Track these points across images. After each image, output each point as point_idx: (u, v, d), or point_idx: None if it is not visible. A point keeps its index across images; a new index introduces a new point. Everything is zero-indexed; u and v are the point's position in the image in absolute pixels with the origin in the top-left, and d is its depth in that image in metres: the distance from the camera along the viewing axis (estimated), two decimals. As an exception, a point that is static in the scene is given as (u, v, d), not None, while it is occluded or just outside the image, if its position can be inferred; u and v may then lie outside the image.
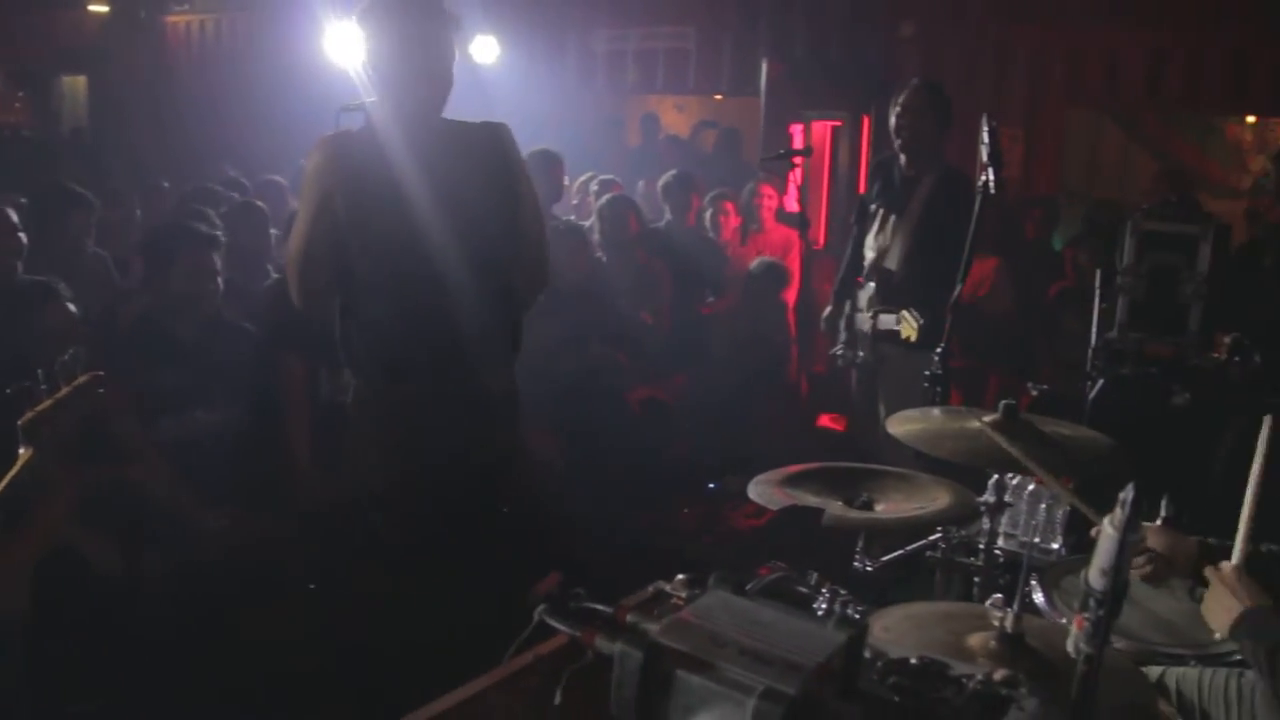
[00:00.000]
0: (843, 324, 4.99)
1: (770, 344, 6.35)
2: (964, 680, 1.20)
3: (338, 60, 8.51)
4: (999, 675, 1.22)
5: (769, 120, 8.04)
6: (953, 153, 4.89)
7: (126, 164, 8.98)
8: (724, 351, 6.01)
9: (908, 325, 4.27)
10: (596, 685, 1.18)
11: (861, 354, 4.82)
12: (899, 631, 1.83)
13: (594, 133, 9.62)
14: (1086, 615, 1.35)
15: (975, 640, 1.79)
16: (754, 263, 6.40)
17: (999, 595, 1.88)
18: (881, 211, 4.81)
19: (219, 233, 4.29)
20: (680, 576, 1.36)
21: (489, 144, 3.13)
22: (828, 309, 5.14)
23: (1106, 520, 1.34)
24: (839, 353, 5.00)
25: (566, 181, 6.70)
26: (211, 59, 12.91)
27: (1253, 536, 2.20)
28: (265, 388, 4.17)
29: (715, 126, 10.62)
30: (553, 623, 1.24)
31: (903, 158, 4.74)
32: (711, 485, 5.53)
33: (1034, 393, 4.95)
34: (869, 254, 4.82)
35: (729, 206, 6.96)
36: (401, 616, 3.06)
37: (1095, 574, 1.35)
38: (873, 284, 4.75)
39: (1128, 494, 1.32)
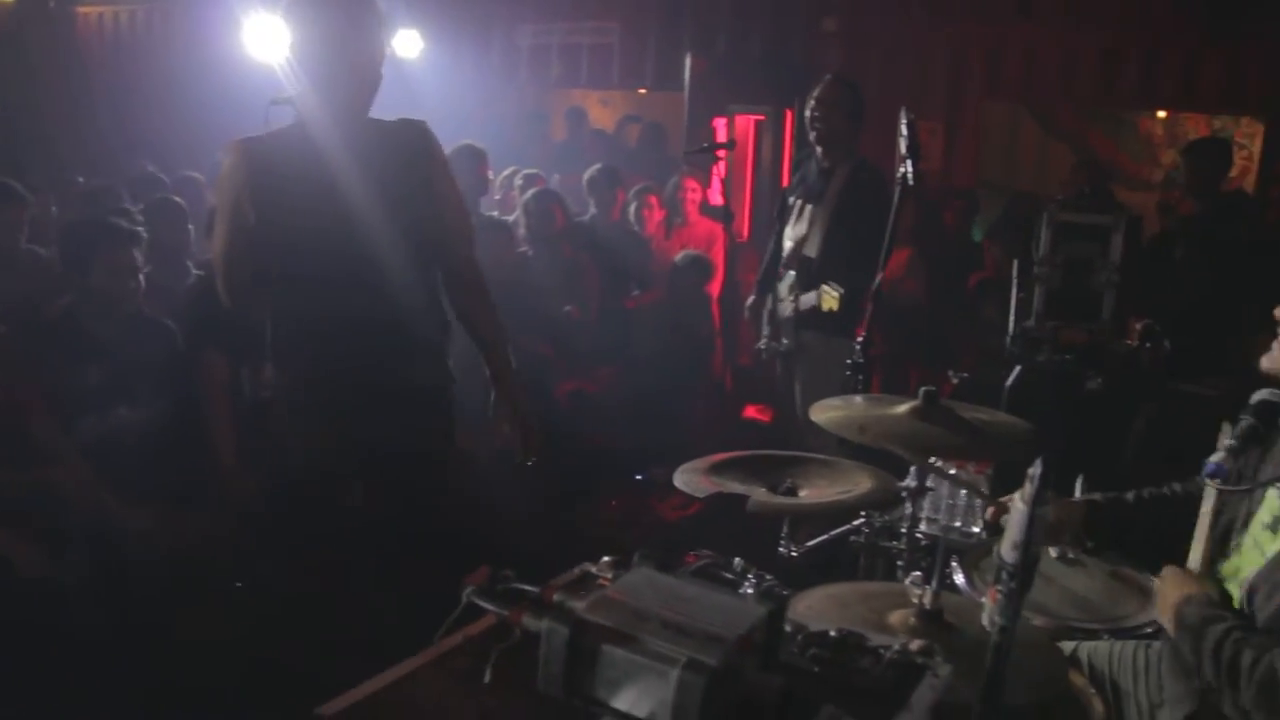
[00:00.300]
0: (766, 315, 5.08)
1: (695, 336, 6.39)
2: (881, 651, 1.24)
3: (257, 54, 8.41)
4: (915, 645, 1.26)
5: (693, 114, 8.06)
6: (875, 146, 4.96)
7: (41, 159, 8.77)
8: (650, 344, 6.04)
9: (828, 297, 4.30)
10: (525, 663, 1.21)
11: (785, 342, 4.89)
12: (822, 610, 1.87)
13: (518, 127, 9.59)
14: (999, 588, 1.40)
15: (895, 617, 1.84)
16: (678, 256, 6.45)
17: (918, 573, 1.93)
18: (800, 203, 4.91)
19: (139, 228, 4.22)
20: (606, 559, 1.38)
21: (410, 141, 3.12)
22: (751, 299, 5.23)
23: (1017, 495, 1.39)
24: (763, 345, 5.09)
25: (491, 176, 6.68)
26: (127, 51, 12.63)
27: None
28: (187, 385, 4.12)
29: (640, 121, 10.63)
30: (481, 603, 1.26)
31: (819, 150, 4.84)
32: (639, 476, 5.57)
33: (954, 380, 5.05)
34: (788, 244, 4.92)
35: (653, 200, 7.00)
36: (331, 609, 3.05)
37: (1007, 548, 1.39)
38: (792, 272, 4.84)
39: (1036, 469, 1.37)
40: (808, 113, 4.83)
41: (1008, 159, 10.17)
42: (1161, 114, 10.12)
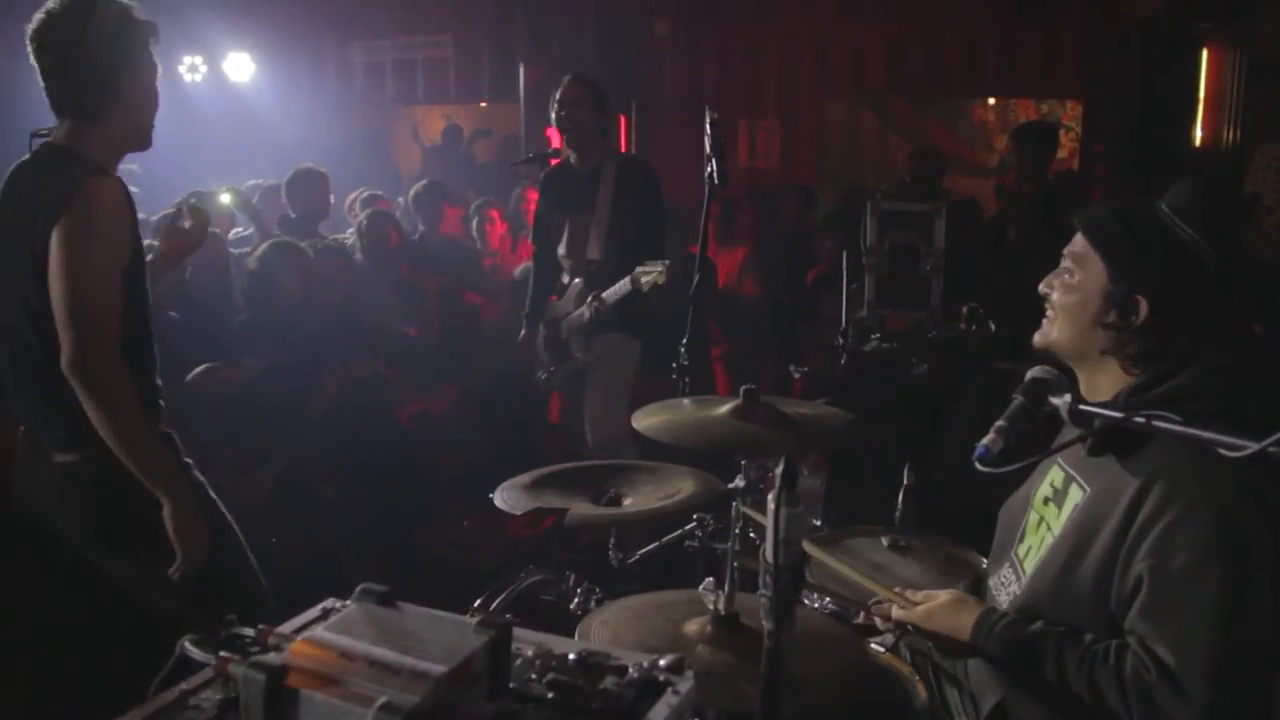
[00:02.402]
0: (541, 344, 4.92)
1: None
2: (627, 669, 1.19)
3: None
4: (665, 661, 1.22)
5: (529, 124, 8.02)
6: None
7: None
8: (495, 360, 5.95)
9: (650, 274, 4.18)
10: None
11: (580, 356, 4.75)
12: (617, 625, 1.82)
13: (354, 147, 9.42)
14: (764, 591, 1.36)
15: (692, 626, 1.80)
16: (517, 270, 6.37)
17: (711, 579, 1.89)
18: (567, 217, 4.76)
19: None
20: (362, 587, 1.31)
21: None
22: (522, 333, 5.02)
23: (770, 495, 1.35)
24: (543, 376, 4.95)
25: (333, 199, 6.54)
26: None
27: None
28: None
29: (490, 134, 10.55)
30: (192, 653, 1.18)
31: (573, 156, 4.74)
32: (491, 495, 5.47)
33: (796, 375, 5.08)
34: (565, 262, 4.79)
35: (494, 214, 6.93)
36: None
37: (769, 549, 1.36)
38: (579, 280, 4.70)
39: (780, 467, 1.33)
40: (554, 116, 4.66)
41: (850, 154, 10.36)
42: (991, 101, 10.42)
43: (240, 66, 9.31)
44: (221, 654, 1.15)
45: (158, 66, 2.76)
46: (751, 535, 3.06)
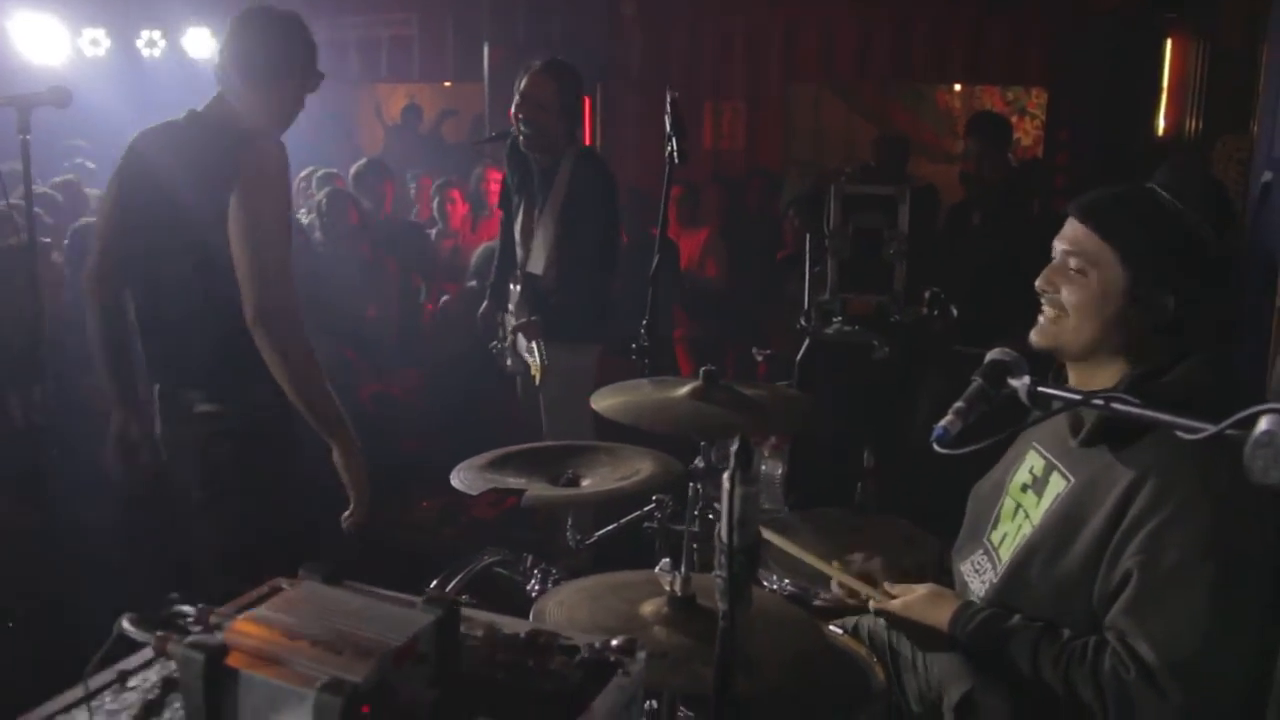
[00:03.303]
0: (500, 321, 4.53)
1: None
2: (578, 649, 1.17)
3: (32, 57, 7.98)
4: (617, 642, 1.19)
5: (493, 104, 7.94)
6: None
7: None
8: (454, 342, 5.91)
9: (534, 362, 3.94)
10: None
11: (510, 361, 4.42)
12: (572, 606, 1.79)
13: (319, 126, 9.31)
14: (719, 573, 1.34)
15: (649, 607, 1.78)
16: (478, 250, 6.31)
17: (667, 560, 1.87)
18: (523, 199, 4.34)
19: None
20: (306, 565, 1.27)
21: None
22: (483, 306, 4.66)
23: (725, 475, 1.33)
24: (504, 357, 4.51)
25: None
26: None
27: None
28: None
29: (456, 114, 10.47)
30: (131, 632, 1.15)
31: (535, 154, 4.24)
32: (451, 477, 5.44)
33: (760, 358, 5.07)
34: (518, 251, 4.37)
35: (455, 194, 6.88)
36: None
37: (724, 530, 1.34)
38: (517, 288, 4.28)
39: (734, 445, 1.31)
40: (513, 107, 4.15)
41: (815, 138, 10.35)
42: (957, 87, 10.45)
43: (200, 41, 9.17)
44: (159, 633, 1.12)
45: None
46: (710, 517, 3.05)
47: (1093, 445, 1.95)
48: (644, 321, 3.53)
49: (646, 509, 3.10)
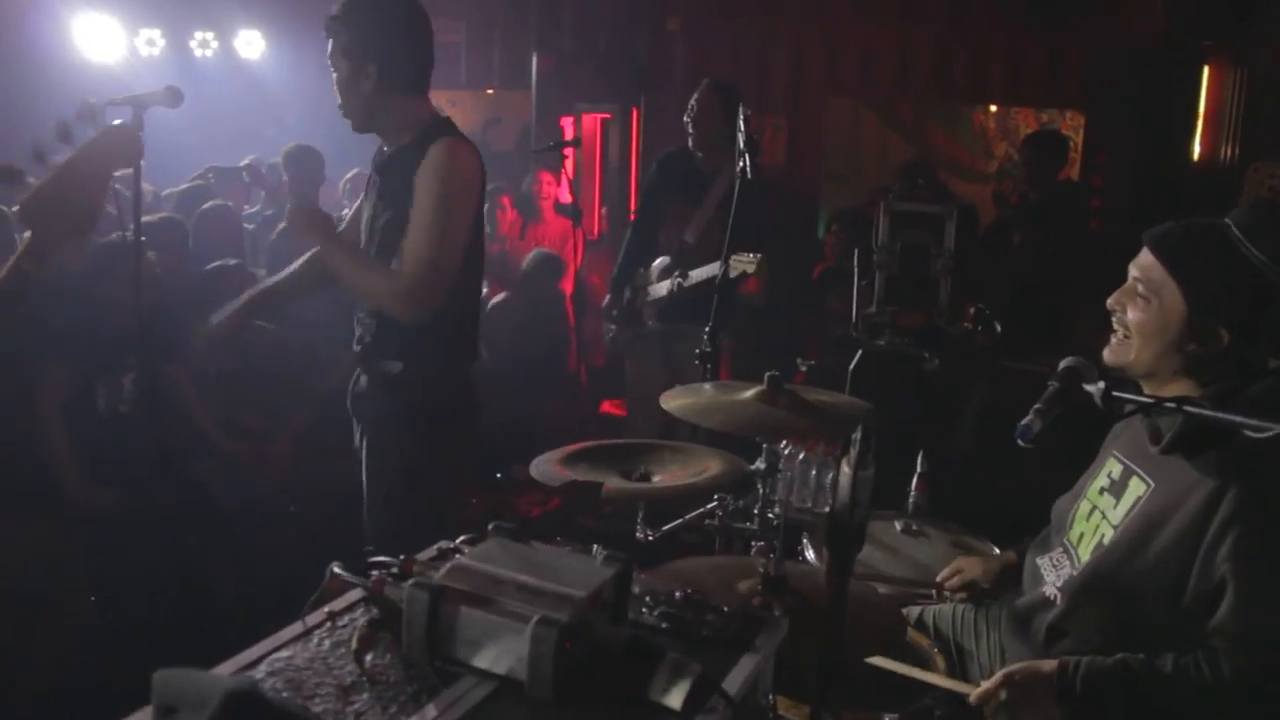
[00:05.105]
0: (615, 312, 5.20)
1: (550, 335, 6.43)
2: (724, 608, 1.31)
3: (91, 55, 8.16)
4: (756, 602, 1.34)
5: (540, 113, 8.11)
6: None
7: None
8: (504, 344, 6.07)
9: (745, 262, 4.30)
10: (389, 633, 1.25)
11: (649, 324, 4.99)
12: (671, 585, 1.94)
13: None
14: (827, 550, 1.49)
15: (744, 585, 1.93)
16: (529, 256, 6.47)
17: (762, 543, 2.01)
18: (676, 205, 5.04)
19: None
20: (462, 537, 1.43)
21: None
22: (607, 298, 5.31)
23: (843, 460, 1.48)
24: (609, 338, 5.24)
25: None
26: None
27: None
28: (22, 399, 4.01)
29: (499, 121, 10.63)
30: (344, 576, 1.30)
31: (699, 154, 5.02)
32: (499, 474, 5.59)
33: (803, 369, 5.20)
34: (662, 244, 5.08)
35: (505, 201, 7.02)
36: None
37: (839, 509, 1.48)
38: (666, 257, 4.97)
39: (857, 435, 1.46)
40: (686, 118, 5.02)
41: (851, 153, 10.47)
42: (993, 108, 10.56)
43: (251, 44, 9.38)
44: (376, 575, 1.27)
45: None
46: (770, 516, 3.19)
47: (1172, 453, 2.08)
48: (706, 328, 3.68)
49: (709, 506, 3.24)
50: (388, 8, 3.14)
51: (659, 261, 4.99)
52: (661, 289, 4.90)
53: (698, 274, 4.69)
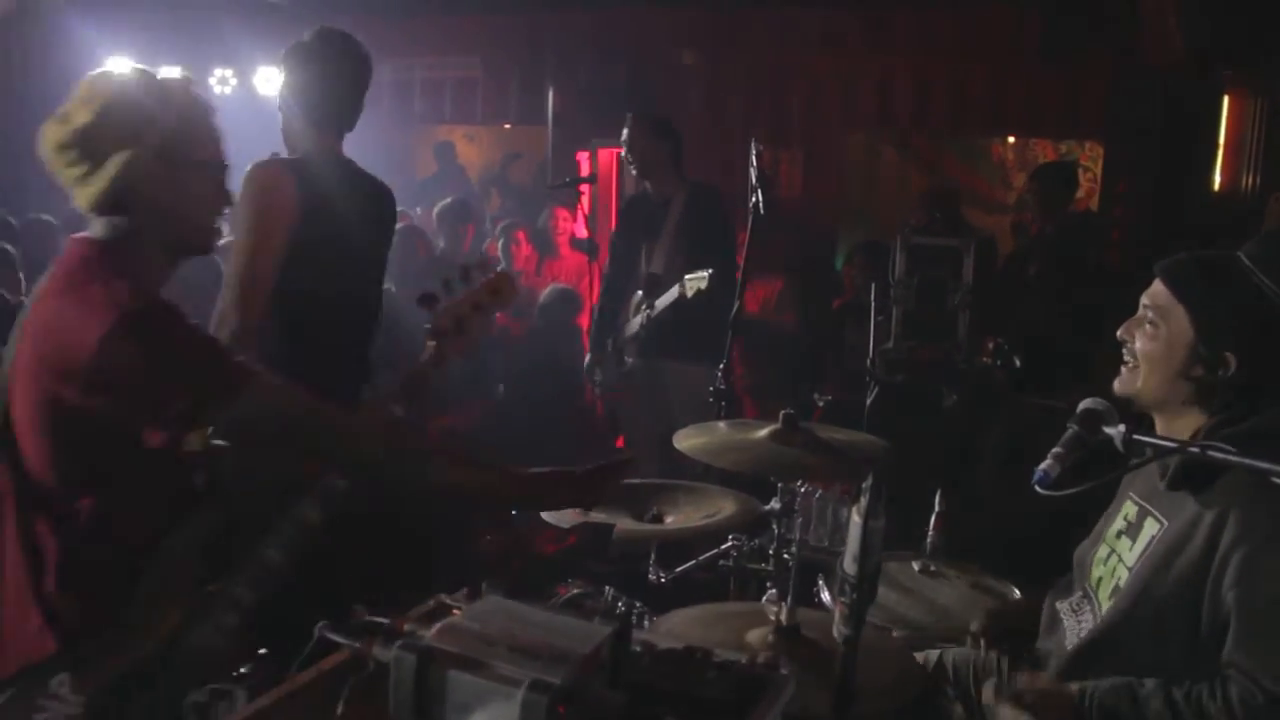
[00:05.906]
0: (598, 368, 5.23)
1: (566, 370, 6.39)
2: (727, 664, 1.27)
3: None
4: (762, 658, 1.30)
5: (557, 148, 8.13)
6: (739, 176, 5.06)
7: None
8: (521, 379, 6.04)
9: (693, 281, 4.37)
10: (378, 695, 1.21)
11: (629, 361, 5.02)
12: (682, 633, 1.89)
13: (379, 164, 9.51)
14: (843, 599, 1.44)
15: (754, 635, 1.88)
16: (545, 291, 6.46)
17: (774, 590, 1.97)
18: (643, 245, 5.03)
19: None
20: (462, 591, 1.40)
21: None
22: (588, 358, 5.32)
23: (854, 508, 1.43)
24: (597, 379, 5.25)
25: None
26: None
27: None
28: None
29: (520, 157, 10.68)
30: (332, 637, 1.26)
31: (647, 185, 5.02)
32: (515, 511, 5.54)
33: (820, 404, 5.15)
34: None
35: (520, 236, 7.02)
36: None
37: (848, 560, 1.44)
38: (639, 291, 4.98)
39: (868, 482, 1.41)
40: (624, 154, 5.02)
41: (868, 186, 10.45)
42: (1011, 139, 10.53)
43: (270, 81, 9.44)
44: (364, 637, 1.23)
45: None
46: (785, 556, 3.14)
47: (1177, 489, 2.04)
48: (720, 365, 3.64)
49: (723, 547, 3.19)
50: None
51: (635, 296, 5.01)
52: (635, 324, 4.91)
53: (661, 301, 4.69)
